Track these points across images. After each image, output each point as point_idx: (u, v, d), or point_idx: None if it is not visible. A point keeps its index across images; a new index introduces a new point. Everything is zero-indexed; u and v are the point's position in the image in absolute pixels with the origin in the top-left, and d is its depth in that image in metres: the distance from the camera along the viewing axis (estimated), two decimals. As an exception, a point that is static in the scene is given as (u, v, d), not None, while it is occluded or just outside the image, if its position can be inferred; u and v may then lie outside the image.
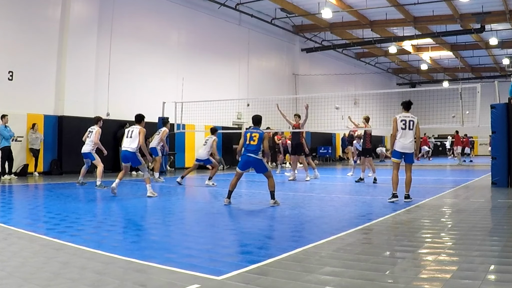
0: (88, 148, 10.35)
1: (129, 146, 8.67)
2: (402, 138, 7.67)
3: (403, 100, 8.09)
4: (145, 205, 7.57)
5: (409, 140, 7.65)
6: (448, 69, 34.72)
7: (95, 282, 3.16)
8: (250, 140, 7.53)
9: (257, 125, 7.86)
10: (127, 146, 8.72)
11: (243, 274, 3.35)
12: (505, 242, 4.44)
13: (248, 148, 7.51)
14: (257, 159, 7.49)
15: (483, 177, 12.89)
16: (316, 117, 16.35)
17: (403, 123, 7.70)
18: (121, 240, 4.62)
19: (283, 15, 21.94)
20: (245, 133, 7.70)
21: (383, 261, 3.75)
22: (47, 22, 14.03)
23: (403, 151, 7.66)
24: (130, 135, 8.77)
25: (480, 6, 19.62)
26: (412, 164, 7.77)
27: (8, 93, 12.92)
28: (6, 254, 3.91)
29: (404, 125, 7.69)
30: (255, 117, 7.94)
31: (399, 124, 7.71)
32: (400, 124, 7.70)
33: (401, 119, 7.73)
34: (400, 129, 7.68)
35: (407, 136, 7.66)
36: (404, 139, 7.66)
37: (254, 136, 7.53)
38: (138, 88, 16.57)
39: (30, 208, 7.08)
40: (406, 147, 7.64)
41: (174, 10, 17.98)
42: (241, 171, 7.69)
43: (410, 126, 7.68)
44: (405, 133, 7.67)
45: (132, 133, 8.79)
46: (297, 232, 5.25)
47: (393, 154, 7.83)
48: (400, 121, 7.72)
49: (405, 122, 7.70)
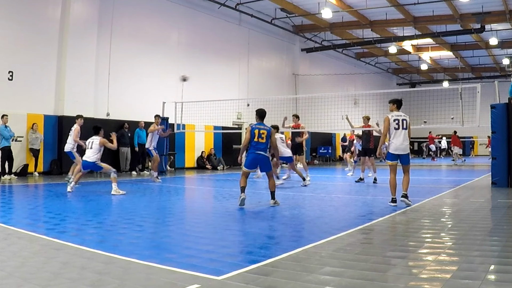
0: (69, 147, 10.65)
1: (90, 157, 9.14)
2: (395, 139, 7.25)
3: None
4: (145, 205, 7.57)
5: (404, 141, 7.22)
6: (448, 69, 34.72)
7: (95, 282, 3.16)
8: (259, 138, 7.16)
9: (261, 120, 7.44)
10: (88, 156, 9.18)
11: (243, 274, 3.35)
12: (505, 242, 4.44)
13: (258, 146, 7.18)
14: (266, 156, 7.27)
15: (483, 177, 12.89)
16: (316, 117, 16.36)
17: (396, 123, 7.27)
18: (121, 240, 4.62)
19: (283, 15, 21.93)
20: (252, 129, 7.24)
21: (383, 261, 3.75)
22: (47, 22, 14.02)
23: (398, 152, 7.24)
24: (91, 147, 9.21)
25: (480, 6, 19.62)
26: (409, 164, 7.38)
27: (8, 93, 12.92)
28: (6, 254, 3.91)
29: (397, 125, 7.26)
30: (260, 111, 7.50)
31: (392, 124, 7.28)
32: (393, 124, 7.27)
33: (394, 119, 7.30)
34: (393, 129, 7.26)
35: (401, 136, 7.23)
36: (397, 140, 7.23)
37: (262, 134, 7.17)
38: (138, 88, 16.57)
39: (30, 208, 7.08)
40: (400, 148, 7.22)
41: (174, 10, 17.99)
42: (248, 170, 7.33)
43: (403, 125, 7.27)
44: (398, 133, 7.24)
45: (92, 145, 9.22)
46: (297, 232, 5.25)
47: (387, 157, 7.42)
48: (393, 120, 7.29)
49: (398, 122, 7.27)
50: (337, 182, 13.44)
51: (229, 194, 9.20)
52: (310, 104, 20.44)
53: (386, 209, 6.76)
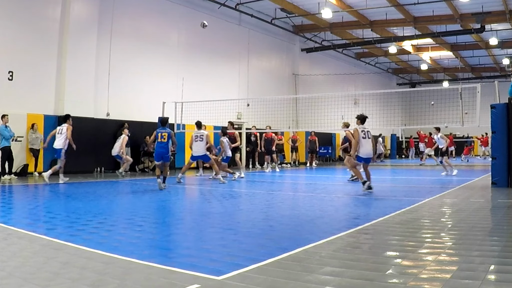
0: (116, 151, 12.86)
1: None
2: (363, 148, 9.13)
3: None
4: (145, 205, 7.57)
5: (370, 147, 9.34)
6: (448, 69, 34.72)
7: (95, 282, 3.16)
8: (161, 138, 10.16)
9: (164, 125, 10.13)
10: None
11: (243, 274, 3.35)
12: (505, 242, 4.44)
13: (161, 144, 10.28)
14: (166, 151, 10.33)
15: (483, 177, 12.89)
16: (316, 117, 16.36)
17: (363, 134, 9.22)
18: (121, 240, 4.62)
19: (283, 15, 21.94)
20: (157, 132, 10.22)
21: (383, 261, 3.75)
22: (47, 22, 14.02)
23: (367, 156, 9.23)
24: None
25: (480, 6, 19.62)
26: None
27: (8, 93, 12.92)
28: (6, 254, 3.91)
29: (365, 135, 9.22)
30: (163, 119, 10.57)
31: (360, 134, 9.17)
32: (361, 134, 9.18)
33: (361, 130, 9.24)
34: (361, 139, 9.14)
35: (368, 144, 9.22)
36: (365, 148, 9.15)
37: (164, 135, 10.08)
38: (138, 88, 16.57)
39: (30, 208, 7.07)
40: (369, 154, 9.29)
41: (174, 10, 17.98)
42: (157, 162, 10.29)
43: (368, 135, 9.28)
44: (366, 141, 9.18)
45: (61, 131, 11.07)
46: (297, 232, 5.25)
47: (357, 159, 9.29)
48: (361, 131, 9.21)
49: (365, 133, 9.24)
50: (337, 182, 13.43)
51: (229, 194, 9.20)
52: (310, 104, 20.44)
53: (386, 209, 6.76)
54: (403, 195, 8.99)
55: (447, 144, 15.88)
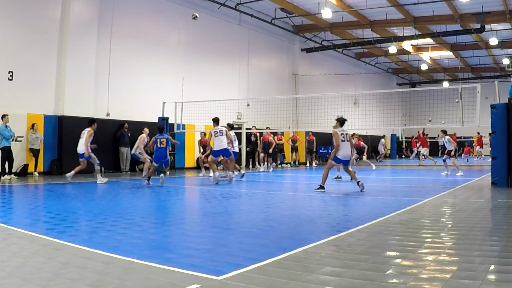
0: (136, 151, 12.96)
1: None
2: (342, 150, 9.16)
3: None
4: (145, 205, 7.57)
5: (349, 150, 9.47)
6: (448, 69, 34.71)
7: (95, 282, 3.16)
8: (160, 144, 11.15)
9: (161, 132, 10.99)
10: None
11: (243, 274, 3.35)
12: (505, 242, 4.44)
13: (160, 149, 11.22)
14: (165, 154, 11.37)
15: (483, 177, 12.89)
16: (316, 117, 16.35)
17: (342, 136, 9.20)
18: (121, 240, 4.62)
19: (283, 15, 21.94)
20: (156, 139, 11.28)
21: (383, 261, 3.75)
22: (47, 22, 14.02)
23: (345, 158, 9.30)
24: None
25: (480, 6, 19.62)
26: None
27: (8, 93, 12.92)
28: (6, 254, 3.91)
29: (344, 138, 9.22)
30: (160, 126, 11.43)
31: (340, 137, 9.13)
32: (340, 137, 9.14)
33: (341, 133, 9.21)
34: (340, 141, 9.12)
35: (347, 146, 9.29)
36: (344, 150, 9.20)
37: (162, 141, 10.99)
38: (138, 88, 16.57)
39: (30, 208, 7.07)
40: (348, 156, 9.39)
41: (174, 10, 17.98)
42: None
43: (347, 138, 9.31)
44: (345, 144, 9.22)
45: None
46: (297, 232, 5.25)
47: (335, 160, 9.38)
48: (340, 134, 9.17)
49: (344, 136, 9.24)
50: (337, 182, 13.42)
51: (229, 194, 9.20)
52: (310, 104, 20.43)
53: (386, 209, 6.76)
54: (403, 195, 8.99)
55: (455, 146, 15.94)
